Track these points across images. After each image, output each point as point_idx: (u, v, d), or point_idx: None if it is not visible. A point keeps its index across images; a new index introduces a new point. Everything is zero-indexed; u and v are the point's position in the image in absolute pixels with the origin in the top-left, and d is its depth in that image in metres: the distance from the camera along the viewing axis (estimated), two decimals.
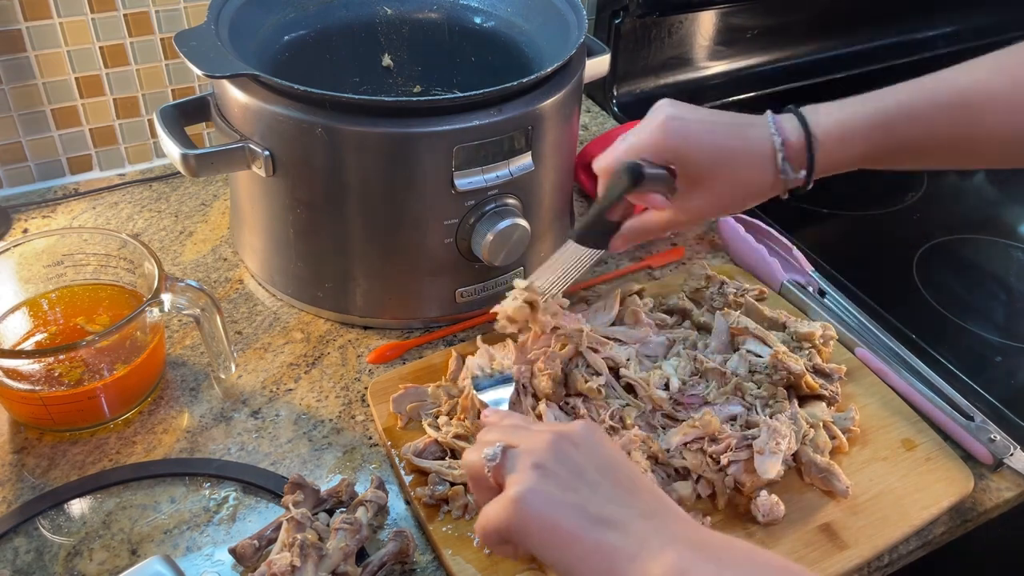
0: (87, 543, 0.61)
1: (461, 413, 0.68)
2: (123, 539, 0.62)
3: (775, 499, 0.63)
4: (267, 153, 0.71)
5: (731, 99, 1.24)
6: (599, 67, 0.85)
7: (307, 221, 0.75)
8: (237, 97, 0.71)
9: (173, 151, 0.71)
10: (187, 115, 0.76)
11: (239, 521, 0.63)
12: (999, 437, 0.70)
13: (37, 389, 0.65)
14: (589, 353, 0.71)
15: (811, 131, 0.61)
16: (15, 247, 0.70)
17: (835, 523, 0.64)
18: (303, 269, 0.79)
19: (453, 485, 0.64)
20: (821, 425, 0.68)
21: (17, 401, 0.67)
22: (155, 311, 0.68)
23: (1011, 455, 0.69)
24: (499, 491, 0.50)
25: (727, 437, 0.65)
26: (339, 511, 0.61)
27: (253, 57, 0.76)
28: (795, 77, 1.30)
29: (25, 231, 0.89)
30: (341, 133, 0.69)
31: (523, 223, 0.74)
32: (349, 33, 0.88)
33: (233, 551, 0.59)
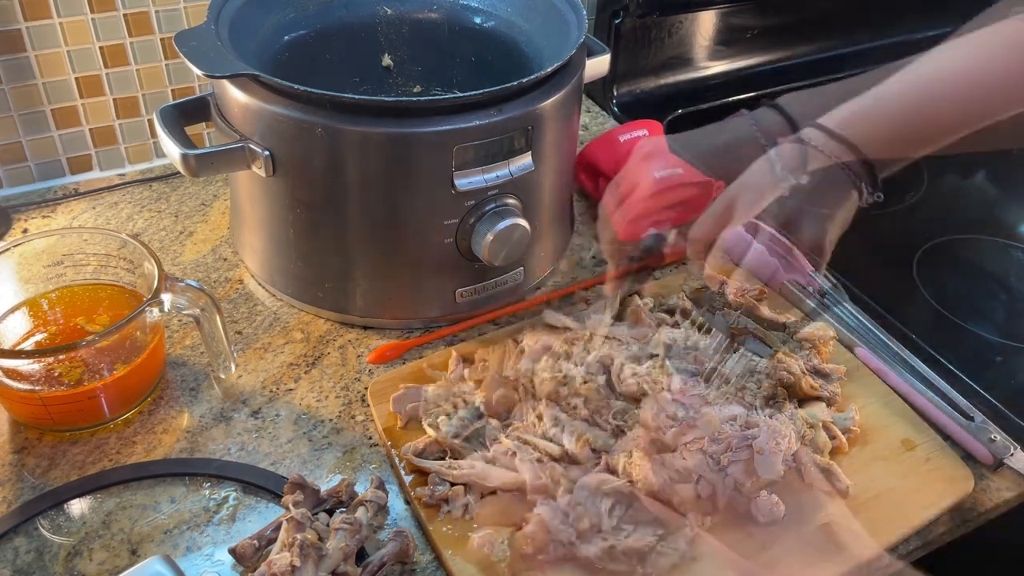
0: (87, 543, 0.61)
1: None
2: (123, 539, 0.62)
3: (775, 499, 0.63)
4: (267, 153, 0.71)
5: (731, 99, 1.24)
6: (599, 67, 0.85)
7: (307, 221, 0.75)
8: (237, 97, 0.71)
9: (173, 151, 0.71)
10: (187, 115, 0.76)
11: (239, 521, 0.63)
12: (999, 437, 0.70)
13: (37, 389, 0.65)
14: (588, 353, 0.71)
15: (796, 127, 0.63)
16: (15, 247, 0.70)
17: (835, 523, 0.64)
18: (303, 269, 0.79)
19: (453, 485, 0.64)
20: (821, 425, 0.68)
21: (17, 401, 0.67)
22: (155, 311, 0.68)
23: (1011, 455, 0.69)
24: None
25: (727, 437, 0.65)
26: (339, 511, 0.61)
27: (253, 57, 0.76)
28: (795, 77, 1.29)
29: (25, 231, 0.89)
30: (341, 133, 0.69)
31: (523, 223, 0.74)
32: (349, 33, 0.88)
33: (233, 551, 0.59)
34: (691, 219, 0.65)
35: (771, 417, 0.67)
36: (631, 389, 0.69)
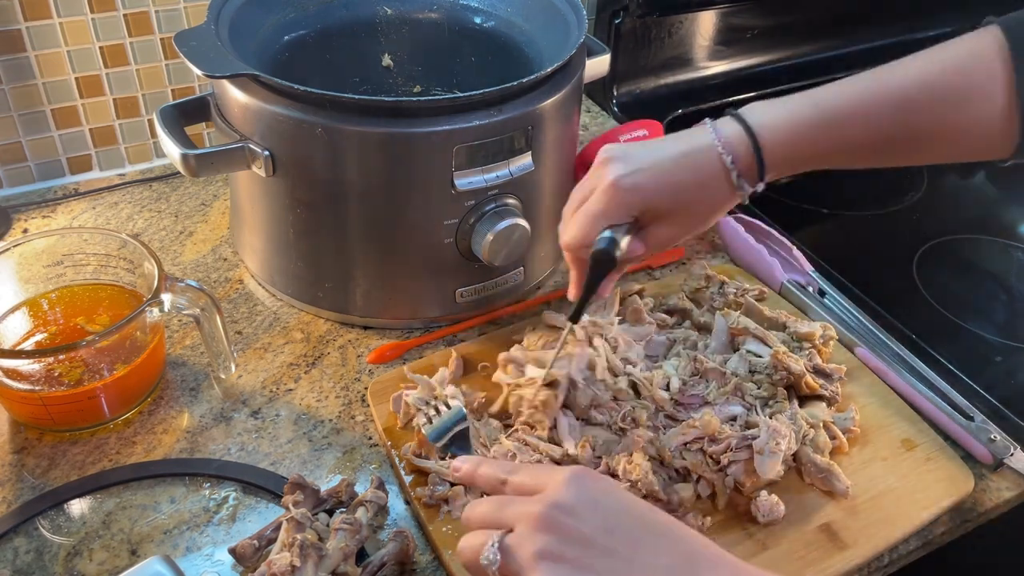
0: (87, 543, 0.61)
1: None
2: (123, 539, 0.62)
3: (775, 499, 0.63)
4: (267, 153, 0.71)
5: (731, 99, 1.24)
6: (599, 67, 0.85)
7: (307, 221, 0.75)
8: (237, 97, 0.71)
9: (173, 151, 0.71)
10: (187, 115, 0.76)
11: (239, 521, 0.63)
12: (999, 437, 0.70)
13: (37, 389, 0.65)
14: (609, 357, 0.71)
15: (759, 144, 0.60)
16: (15, 247, 0.70)
17: (835, 523, 0.64)
18: (303, 269, 0.79)
19: (453, 485, 0.64)
20: (821, 425, 0.68)
21: (17, 401, 0.67)
22: (155, 311, 0.68)
23: (1011, 455, 0.69)
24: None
25: (727, 437, 0.65)
26: (339, 511, 0.61)
27: (253, 57, 0.76)
28: (795, 77, 1.29)
29: (25, 231, 0.89)
30: (341, 133, 0.69)
31: (523, 223, 0.74)
32: (349, 33, 0.88)
33: (233, 551, 0.59)
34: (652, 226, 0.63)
35: (771, 417, 0.67)
36: (620, 386, 0.69)
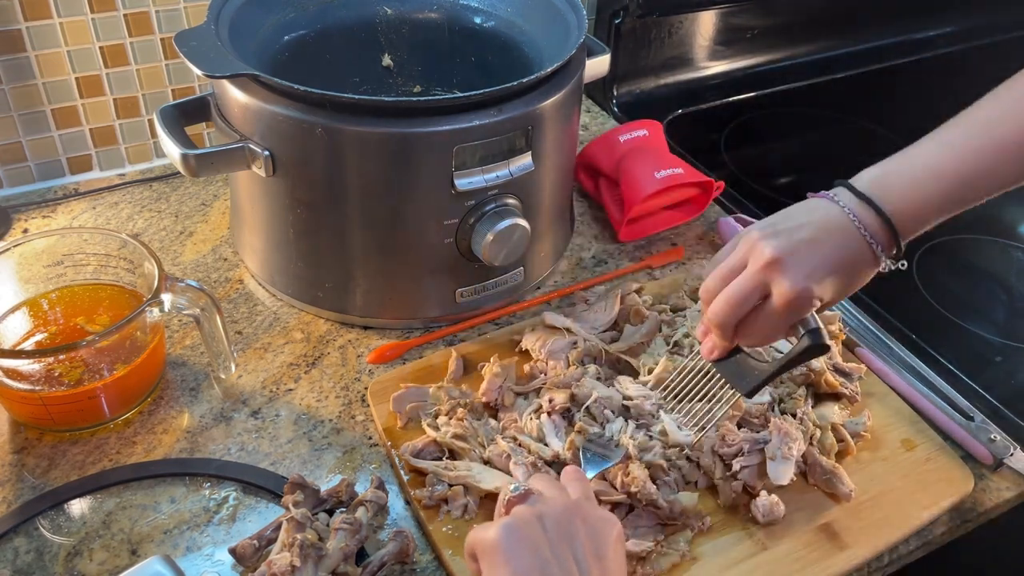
0: (87, 543, 0.61)
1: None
2: (123, 539, 0.62)
3: (775, 499, 0.63)
4: (267, 153, 0.71)
5: (731, 99, 1.24)
6: (599, 67, 0.85)
7: (307, 221, 0.75)
8: (237, 97, 0.71)
9: (173, 151, 0.71)
10: (187, 115, 0.76)
11: (239, 521, 0.63)
12: (999, 437, 0.70)
13: (37, 389, 0.65)
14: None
15: (896, 229, 0.57)
16: (15, 247, 0.70)
17: (835, 523, 0.64)
18: (303, 269, 0.79)
19: (452, 486, 0.63)
20: (829, 427, 0.68)
21: (17, 401, 0.67)
22: (155, 311, 0.68)
23: (1011, 455, 0.69)
24: None
25: (739, 442, 0.65)
26: (339, 511, 0.61)
27: (253, 57, 0.76)
28: (795, 77, 1.30)
29: (25, 231, 0.89)
30: (341, 133, 0.69)
31: (523, 223, 0.74)
32: (349, 33, 0.88)
33: (233, 551, 0.59)
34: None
35: (782, 415, 0.67)
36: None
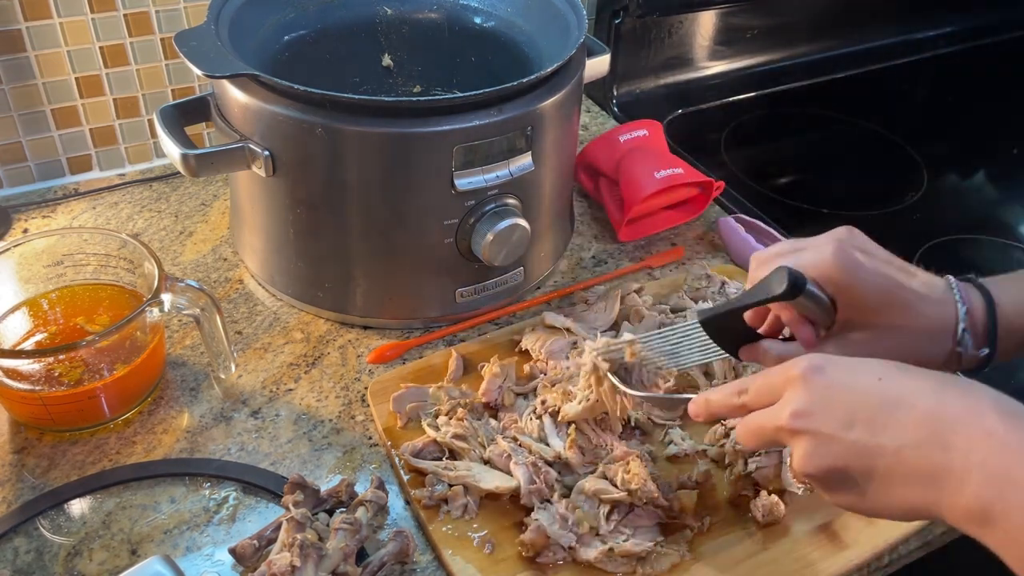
0: (87, 543, 0.62)
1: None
2: (123, 539, 0.62)
3: (775, 499, 0.63)
4: (267, 153, 0.71)
5: (731, 99, 1.24)
6: (599, 67, 0.85)
7: (307, 221, 0.75)
8: (237, 97, 0.71)
9: (173, 151, 0.71)
10: (187, 115, 0.76)
11: (239, 521, 0.63)
12: None
13: (37, 389, 0.65)
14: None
15: (995, 304, 0.56)
16: (15, 247, 0.70)
17: (835, 523, 0.64)
18: (303, 269, 0.79)
19: (452, 486, 0.63)
20: None
21: (17, 401, 0.67)
22: (155, 311, 0.68)
23: None
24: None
25: None
26: (339, 511, 0.61)
27: (253, 57, 0.76)
28: (795, 77, 1.30)
29: (25, 231, 0.89)
30: (341, 133, 0.69)
31: (523, 223, 0.74)
32: (349, 33, 0.88)
33: (233, 551, 0.59)
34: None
35: None
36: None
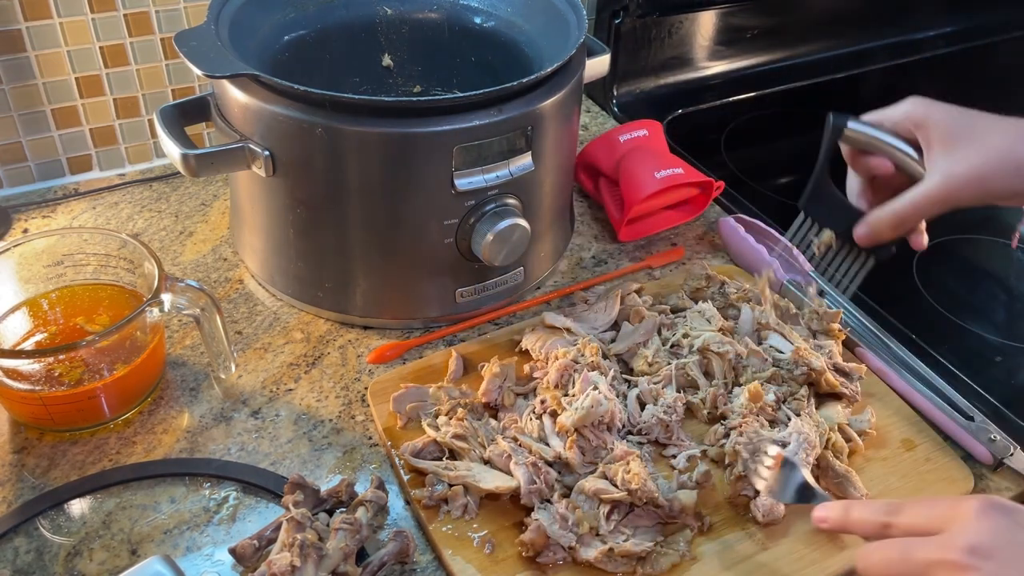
0: (87, 543, 0.61)
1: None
2: (123, 539, 0.62)
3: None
4: (267, 153, 0.71)
5: (731, 99, 1.24)
6: (599, 67, 0.85)
7: (307, 221, 0.75)
8: (237, 97, 0.71)
9: (173, 151, 0.71)
10: (187, 115, 0.76)
11: (239, 521, 0.63)
12: (999, 437, 0.70)
13: (37, 389, 0.65)
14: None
15: None
16: (15, 247, 0.70)
17: None
18: (303, 269, 0.79)
19: (452, 486, 0.63)
20: (837, 428, 0.68)
21: (17, 401, 0.67)
22: (155, 311, 0.68)
23: (1011, 455, 0.69)
24: None
25: (757, 440, 0.65)
26: (339, 511, 0.61)
27: (253, 57, 0.76)
28: (795, 77, 1.30)
29: (25, 231, 0.89)
30: (341, 133, 0.69)
31: (523, 223, 0.74)
32: (349, 33, 0.88)
33: (233, 551, 0.59)
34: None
35: (792, 418, 0.67)
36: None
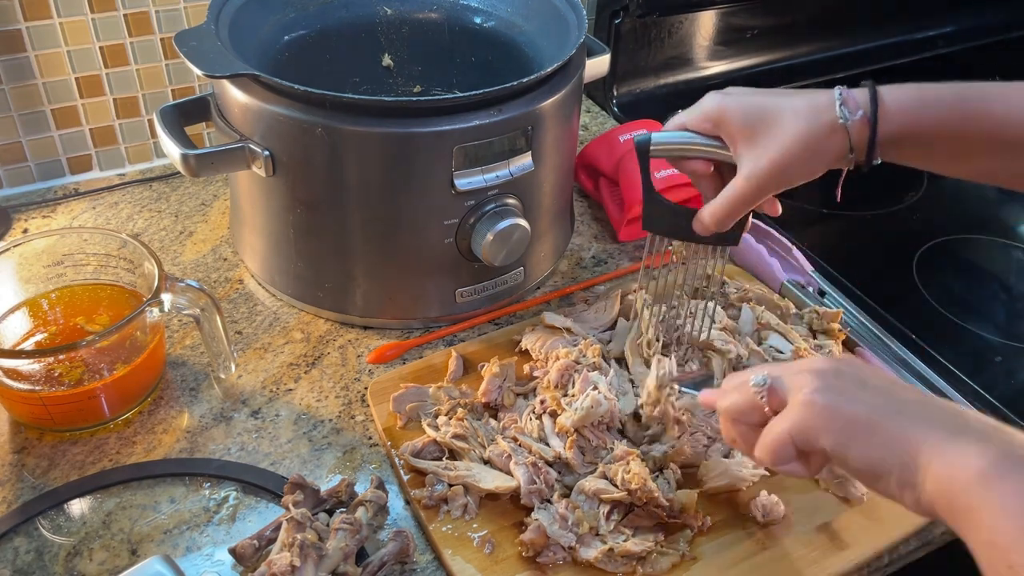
0: (87, 543, 0.62)
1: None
2: (123, 539, 0.62)
3: (775, 499, 0.63)
4: (267, 153, 0.71)
5: None
6: (599, 67, 0.85)
7: (307, 221, 0.75)
8: (237, 97, 0.71)
9: (173, 151, 0.71)
10: (187, 115, 0.76)
11: (239, 521, 0.63)
12: None
13: (37, 389, 0.65)
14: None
15: (874, 89, 0.58)
16: (15, 247, 0.70)
17: (835, 523, 0.64)
18: (303, 269, 0.79)
19: (452, 486, 0.63)
20: None
21: (17, 401, 0.67)
22: (155, 311, 0.68)
23: None
24: (766, 422, 0.50)
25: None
26: (339, 511, 0.61)
27: (253, 57, 0.76)
28: (795, 77, 1.30)
29: (25, 231, 0.89)
30: (341, 133, 0.69)
31: (523, 223, 0.74)
32: (349, 33, 0.88)
33: (233, 551, 0.59)
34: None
35: None
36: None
